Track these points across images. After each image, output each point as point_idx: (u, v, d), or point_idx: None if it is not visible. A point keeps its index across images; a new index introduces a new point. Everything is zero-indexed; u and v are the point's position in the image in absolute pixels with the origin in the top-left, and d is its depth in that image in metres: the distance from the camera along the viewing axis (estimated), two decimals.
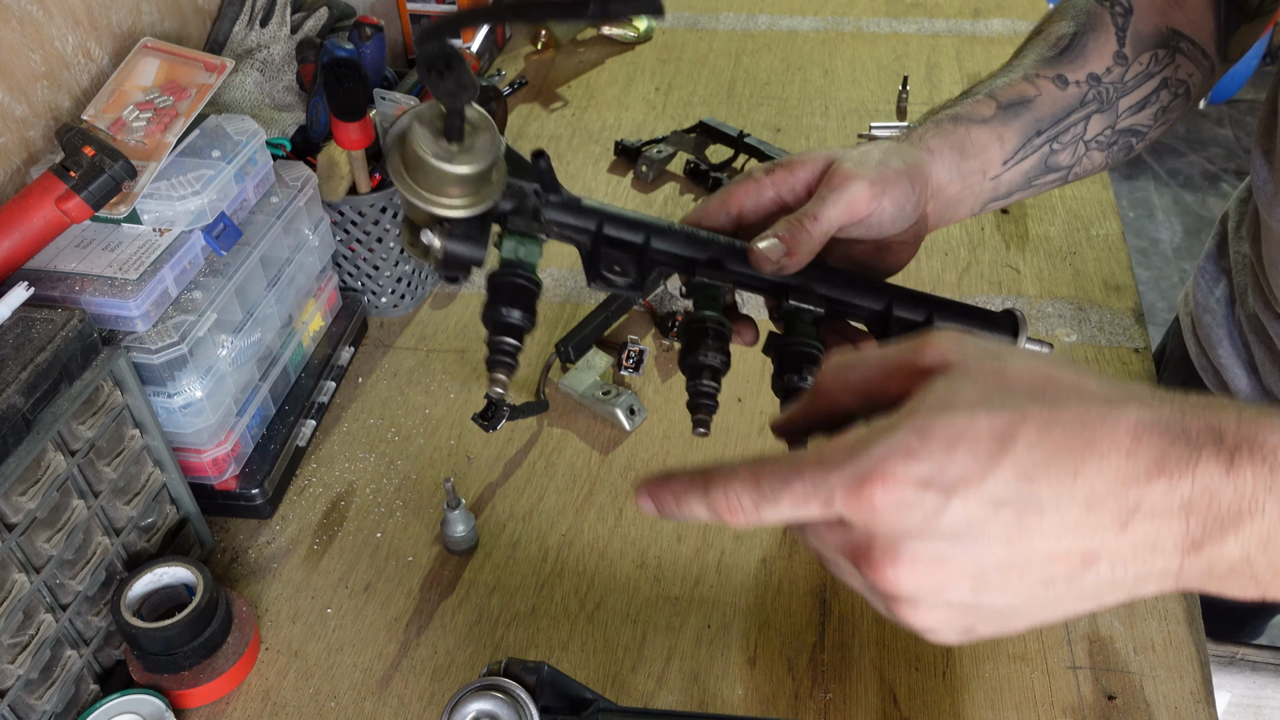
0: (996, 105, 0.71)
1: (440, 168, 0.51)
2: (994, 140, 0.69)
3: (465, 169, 0.51)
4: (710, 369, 0.59)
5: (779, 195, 0.62)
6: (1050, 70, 0.73)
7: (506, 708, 0.63)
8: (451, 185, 0.52)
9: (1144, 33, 0.75)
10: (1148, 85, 0.75)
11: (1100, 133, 0.75)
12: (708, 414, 0.60)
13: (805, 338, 0.62)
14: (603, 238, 0.60)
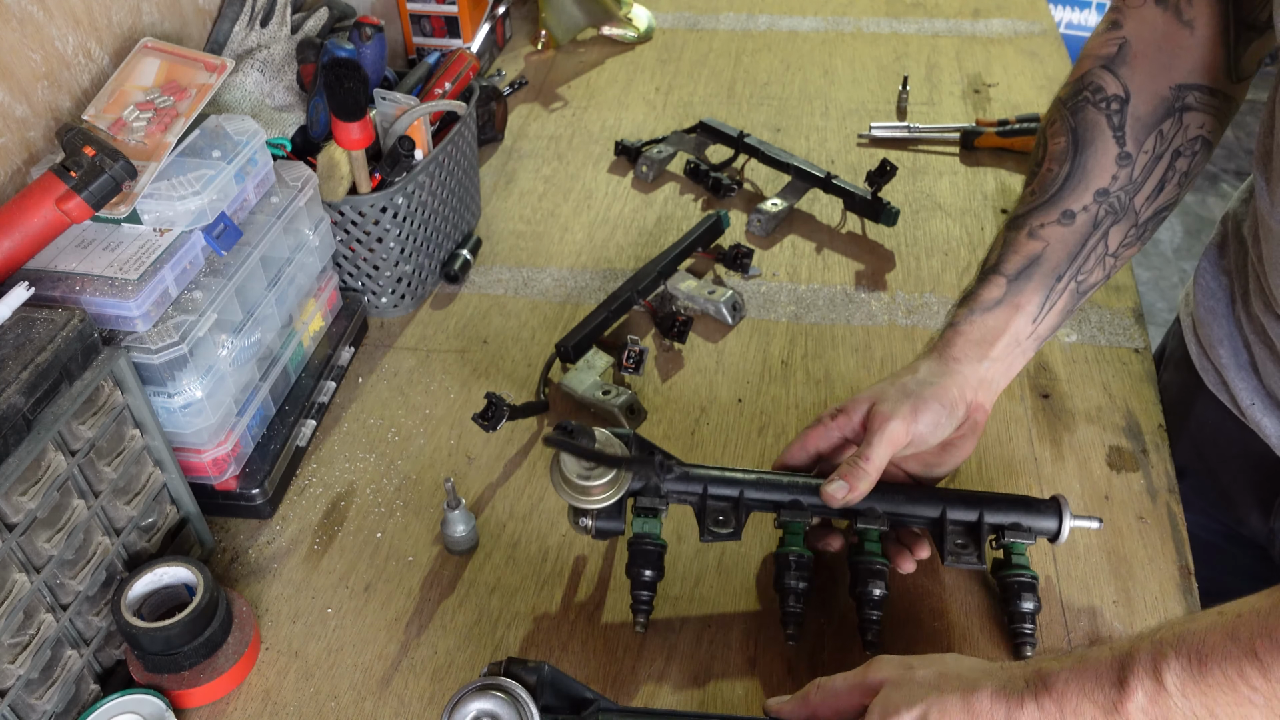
0: (1005, 282, 0.78)
1: (582, 484, 0.74)
2: (1011, 314, 0.78)
3: (600, 481, 0.74)
4: (794, 592, 0.76)
5: (842, 434, 0.78)
6: (1053, 213, 0.77)
7: (507, 707, 0.63)
8: (593, 491, 0.74)
9: (1145, 114, 0.75)
10: (1159, 168, 0.76)
11: (1124, 237, 0.78)
12: (796, 626, 0.76)
13: (872, 555, 0.76)
14: (708, 496, 0.77)
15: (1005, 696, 0.58)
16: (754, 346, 1.05)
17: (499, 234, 1.21)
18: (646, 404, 0.98)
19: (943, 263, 1.14)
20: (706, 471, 0.77)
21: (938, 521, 0.77)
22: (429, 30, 1.46)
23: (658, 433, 0.95)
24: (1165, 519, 0.85)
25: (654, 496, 0.76)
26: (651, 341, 1.05)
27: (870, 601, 0.76)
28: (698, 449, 0.94)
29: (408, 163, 1.03)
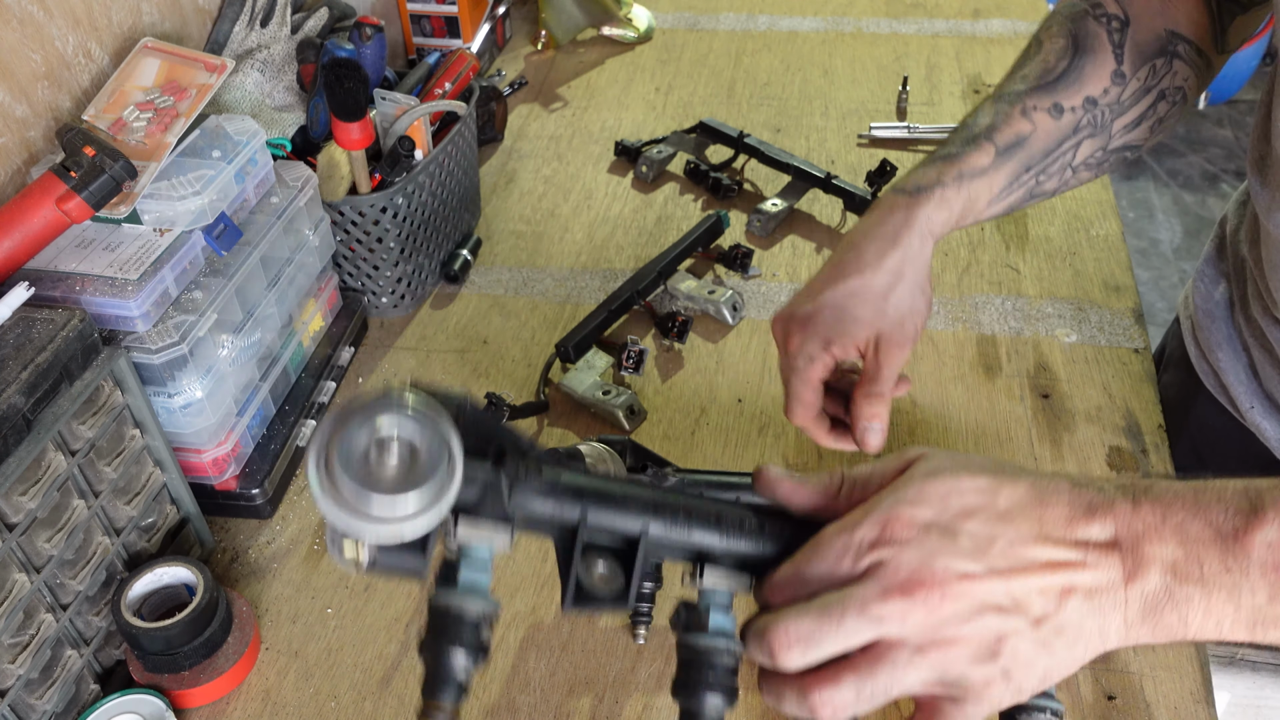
0: (995, 151, 0.73)
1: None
2: (985, 186, 0.73)
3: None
4: None
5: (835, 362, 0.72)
6: (1046, 100, 0.74)
7: (421, 430, 0.44)
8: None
9: (1142, 42, 0.74)
10: (1144, 101, 0.75)
11: (1090, 155, 0.75)
12: None
13: None
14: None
15: (1088, 493, 0.48)
16: (754, 346, 1.05)
17: (499, 234, 1.21)
18: (646, 404, 0.98)
19: (942, 263, 1.14)
20: (703, 477, 0.73)
21: None
22: (429, 30, 1.46)
23: (657, 433, 0.95)
24: None
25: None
26: (651, 341, 1.05)
27: None
28: (697, 449, 0.94)
29: (408, 163, 1.03)
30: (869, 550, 0.46)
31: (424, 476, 0.42)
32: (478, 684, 0.76)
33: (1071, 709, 0.73)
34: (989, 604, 0.46)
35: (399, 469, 0.42)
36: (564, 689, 0.76)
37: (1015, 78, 0.76)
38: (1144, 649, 0.76)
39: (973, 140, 0.73)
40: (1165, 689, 0.74)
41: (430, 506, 0.42)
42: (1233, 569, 0.46)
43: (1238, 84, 3.33)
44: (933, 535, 0.46)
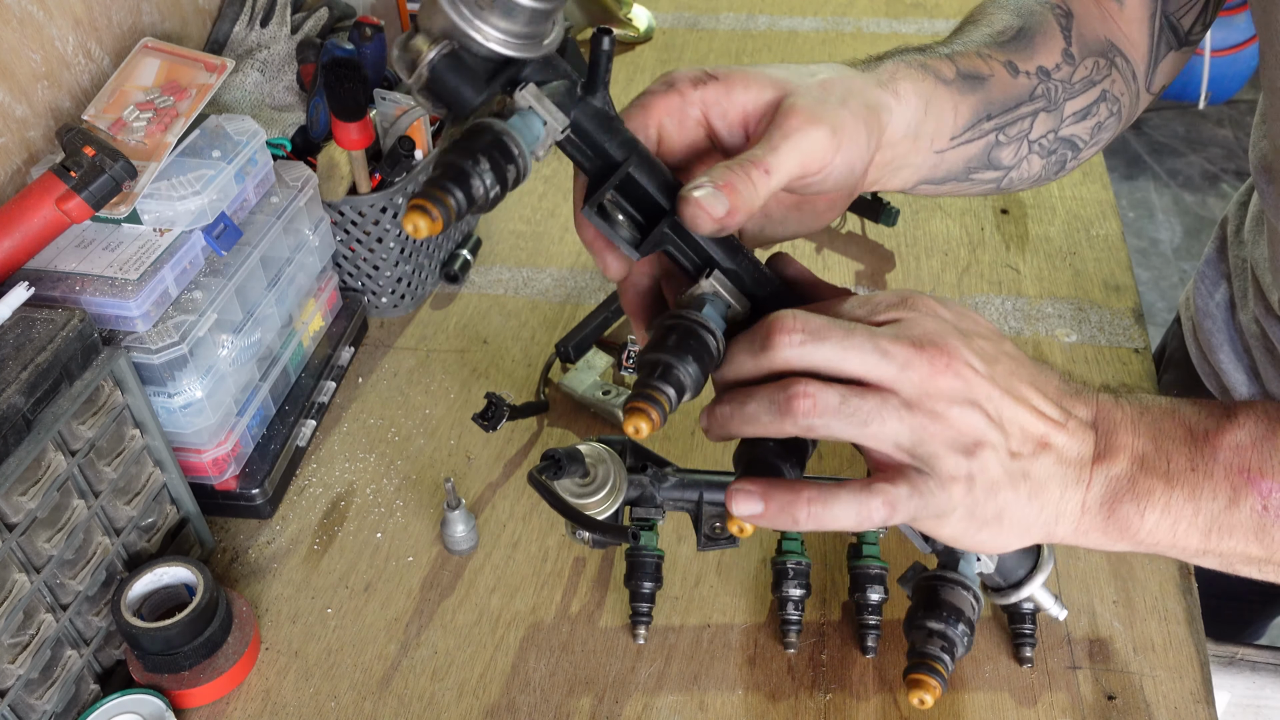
0: (956, 71, 0.64)
1: (577, 499, 0.71)
2: (950, 109, 0.63)
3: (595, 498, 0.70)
4: (792, 600, 0.75)
5: (705, 120, 0.54)
6: (1001, 55, 0.67)
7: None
8: (588, 504, 0.69)
9: (1086, 38, 0.72)
10: (1091, 93, 0.72)
11: (1044, 135, 0.70)
12: (795, 634, 0.76)
13: (871, 558, 0.75)
14: (704, 503, 0.73)
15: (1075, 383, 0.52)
16: None
17: (499, 234, 1.21)
18: None
19: (943, 263, 1.14)
20: (702, 477, 0.76)
21: None
22: None
23: (657, 433, 0.95)
24: None
25: (650, 507, 0.76)
26: None
27: (869, 607, 0.76)
28: (697, 449, 0.94)
29: (408, 163, 1.03)
30: (888, 309, 0.49)
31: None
32: (478, 683, 0.76)
33: (1071, 709, 0.73)
34: (981, 403, 0.47)
35: None
36: (564, 689, 0.76)
37: (964, 32, 0.70)
38: (1144, 649, 0.76)
39: (931, 50, 0.65)
40: (1165, 689, 0.74)
41: (533, 35, 0.45)
42: (1199, 468, 0.48)
43: (1238, 84, 3.34)
44: (948, 325, 0.48)
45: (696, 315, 0.49)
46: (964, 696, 0.74)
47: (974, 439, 0.47)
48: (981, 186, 0.69)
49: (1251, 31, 3.18)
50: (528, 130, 0.45)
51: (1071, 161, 0.73)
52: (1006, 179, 0.70)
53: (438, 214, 0.41)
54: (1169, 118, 3.48)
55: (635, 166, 0.50)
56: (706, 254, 0.52)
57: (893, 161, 0.60)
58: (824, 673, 0.76)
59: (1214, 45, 3.08)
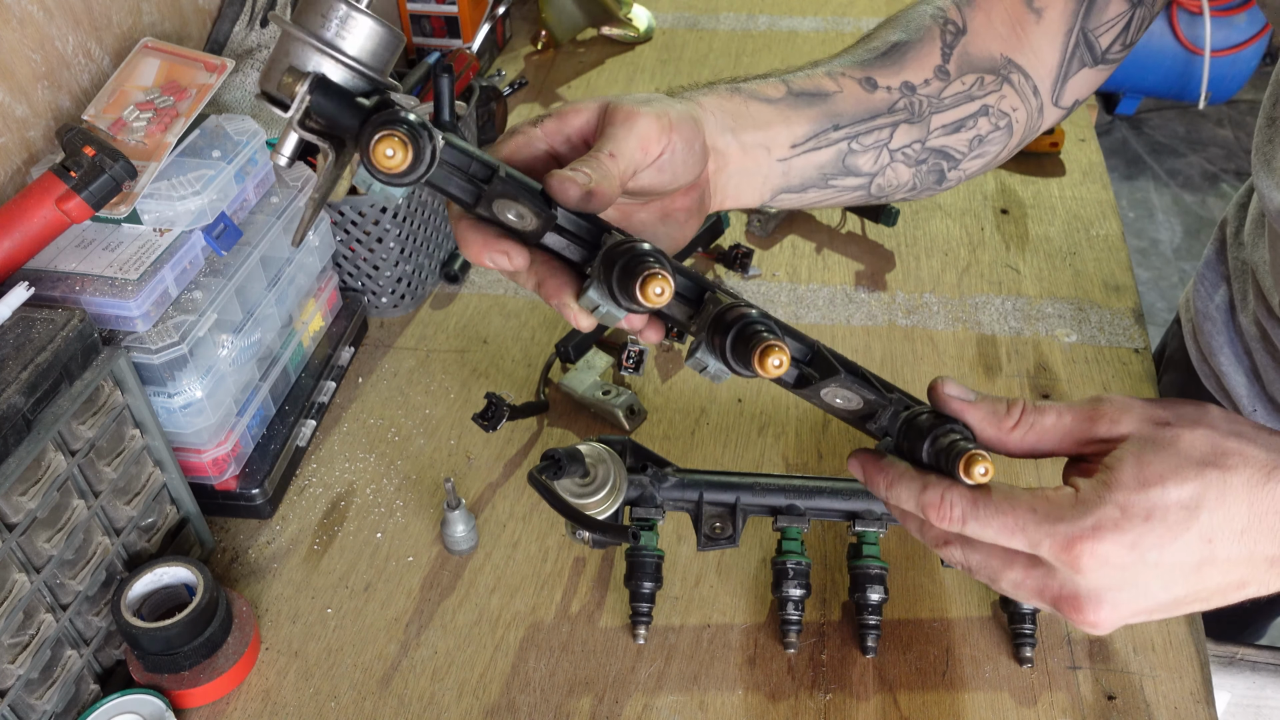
0: (787, 90, 0.67)
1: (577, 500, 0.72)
2: (778, 120, 0.66)
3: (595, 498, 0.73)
4: (792, 600, 0.76)
5: (551, 148, 0.58)
6: (859, 72, 0.70)
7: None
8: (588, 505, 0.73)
9: (973, 55, 0.72)
10: (966, 107, 0.72)
11: (908, 145, 0.71)
12: (795, 634, 0.77)
13: (871, 559, 0.75)
14: (704, 503, 0.75)
15: None
16: None
17: None
18: (646, 404, 0.98)
19: (943, 263, 1.14)
20: (702, 477, 0.76)
21: None
22: (429, 30, 1.46)
23: (657, 433, 0.95)
24: None
25: (650, 507, 0.76)
26: None
27: (869, 607, 0.76)
28: (697, 449, 0.94)
29: None
30: (1044, 562, 0.49)
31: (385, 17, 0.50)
32: (478, 683, 0.76)
33: (1071, 709, 0.73)
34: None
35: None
36: (564, 689, 0.76)
37: (835, 56, 0.73)
38: (1144, 649, 0.76)
39: (760, 78, 0.68)
40: (1165, 689, 0.74)
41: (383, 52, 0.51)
42: None
43: (1238, 84, 3.33)
44: (1115, 578, 0.48)
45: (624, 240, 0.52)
46: (964, 696, 0.74)
47: None
48: (848, 194, 0.71)
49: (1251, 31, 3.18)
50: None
51: (953, 171, 0.74)
52: (874, 184, 0.72)
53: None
54: (1169, 118, 3.48)
55: (505, 172, 0.53)
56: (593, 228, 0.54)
57: (734, 173, 0.64)
58: (824, 673, 0.76)
59: (1214, 45, 3.07)
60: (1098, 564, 0.47)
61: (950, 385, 0.53)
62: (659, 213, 0.61)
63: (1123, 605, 0.48)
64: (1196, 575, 0.48)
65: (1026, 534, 0.48)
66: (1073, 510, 0.48)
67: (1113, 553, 0.47)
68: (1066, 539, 0.47)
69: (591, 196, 0.52)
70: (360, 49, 0.50)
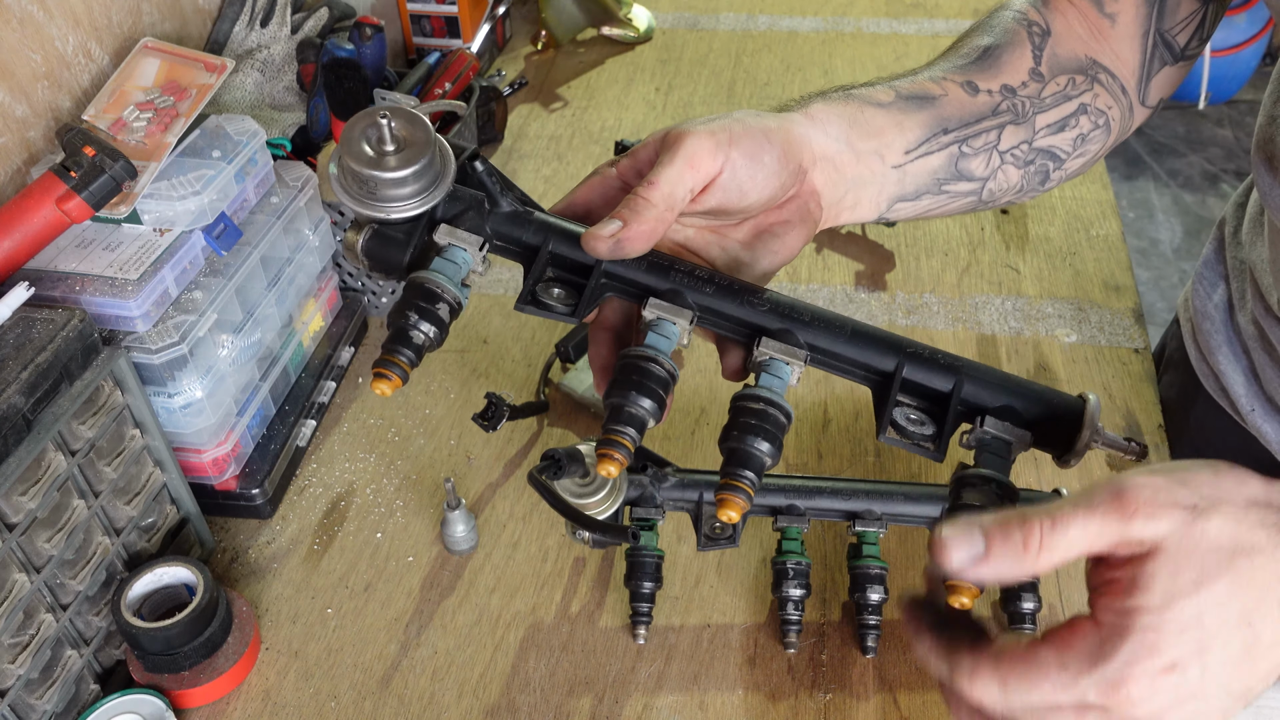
0: (896, 94, 0.66)
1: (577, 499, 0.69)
2: (892, 125, 0.65)
3: (595, 498, 0.70)
4: (792, 600, 0.76)
5: (626, 186, 0.57)
6: (960, 76, 0.69)
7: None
8: (588, 504, 0.70)
9: (1061, 57, 0.72)
10: (1066, 106, 0.72)
11: (1016, 146, 0.70)
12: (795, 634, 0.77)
13: (871, 559, 0.75)
14: (704, 503, 0.73)
15: None
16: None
17: None
18: None
19: (943, 263, 1.14)
20: (702, 477, 0.76)
21: (938, 521, 0.73)
22: (429, 30, 1.46)
23: (658, 433, 0.95)
24: None
25: (650, 507, 0.76)
26: None
27: (869, 607, 0.76)
28: (697, 449, 0.94)
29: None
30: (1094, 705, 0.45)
31: (409, 161, 0.52)
32: (478, 683, 0.76)
33: None
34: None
35: (392, 154, 0.53)
36: (564, 689, 0.76)
37: (929, 64, 0.72)
38: None
39: (869, 84, 0.67)
40: None
41: (421, 191, 0.54)
42: None
43: (1238, 84, 3.34)
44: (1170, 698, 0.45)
45: (639, 350, 0.53)
46: None
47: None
48: (961, 201, 0.70)
49: (1251, 31, 3.18)
50: (452, 265, 0.54)
51: (1056, 172, 0.73)
52: (985, 190, 0.71)
53: (394, 375, 0.54)
54: (1169, 118, 3.48)
55: (554, 243, 0.56)
56: (641, 284, 0.56)
57: (848, 180, 0.63)
58: (824, 673, 0.76)
59: (1214, 45, 3.08)
60: (1150, 693, 0.45)
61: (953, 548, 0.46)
62: (753, 230, 0.60)
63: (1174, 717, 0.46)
64: (1248, 664, 0.45)
65: (1069, 692, 0.45)
66: (1105, 649, 0.45)
67: (1160, 679, 0.44)
68: (1110, 683, 0.45)
69: (621, 244, 0.52)
70: (405, 192, 0.54)
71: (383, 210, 0.53)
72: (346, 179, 0.53)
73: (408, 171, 0.53)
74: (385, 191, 0.53)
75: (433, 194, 0.54)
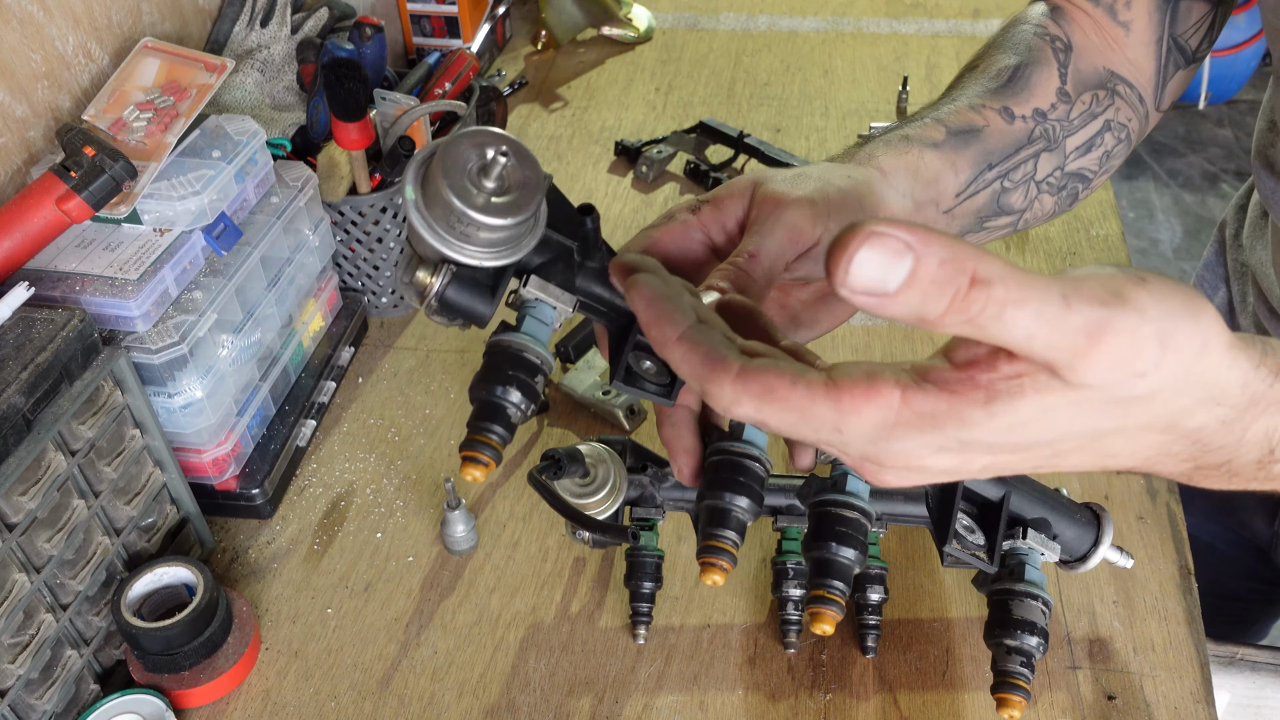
0: (946, 131, 0.65)
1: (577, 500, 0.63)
2: (947, 169, 0.64)
3: (595, 498, 0.66)
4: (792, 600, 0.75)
5: (709, 238, 0.54)
6: (996, 102, 0.68)
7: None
8: (588, 505, 0.64)
9: (1084, 72, 0.72)
10: (1092, 126, 0.72)
11: (1051, 174, 0.70)
12: (795, 635, 0.77)
13: (871, 558, 0.74)
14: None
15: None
16: None
17: None
18: (646, 404, 0.98)
19: None
20: None
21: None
22: (429, 30, 1.46)
23: (658, 433, 0.95)
24: (1165, 519, 0.85)
25: (650, 507, 0.76)
26: None
27: (869, 607, 0.76)
28: None
29: (408, 163, 1.03)
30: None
31: (518, 208, 0.43)
32: (478, 683, 0.76)
33: (1071, 709, 0.73)
34: None
35: (497, 194, 0.43)
36: (564, 689, 0.76)
37: (960, 85, 0.71)
38: (1144, 649, 0.76)
39: (918, 120, 0.65)
40: (1165, 689, 0.74)
41: (516, 237, 0.44)
42: None
43: (1237, 84, 3.34)
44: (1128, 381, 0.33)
45: (735, 446, 0.48)
46: (964, 696, 0.74)
47: None
48: (998, 233, 0.70)
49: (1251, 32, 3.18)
50: (542, 326, 0.48)
51: (1084, 192, 0.74)
52: (1021, 221, 0.71)
53: (488, 459, 0.44)
54: (1169, 118, 3.48)
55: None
56: None
57: None
58: (824, 673, 0.76)
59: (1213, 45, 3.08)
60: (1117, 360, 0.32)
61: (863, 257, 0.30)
62: (817, 292, 0.57)
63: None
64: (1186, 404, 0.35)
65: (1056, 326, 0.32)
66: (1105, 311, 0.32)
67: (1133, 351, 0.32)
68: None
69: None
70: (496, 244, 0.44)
71: (471, 255, 0.44)
72: (434, 210, 0.43)
73: (517, 220, 0.43)
74: (481, 235, 0.43)
75: (529, 240, 0.46)
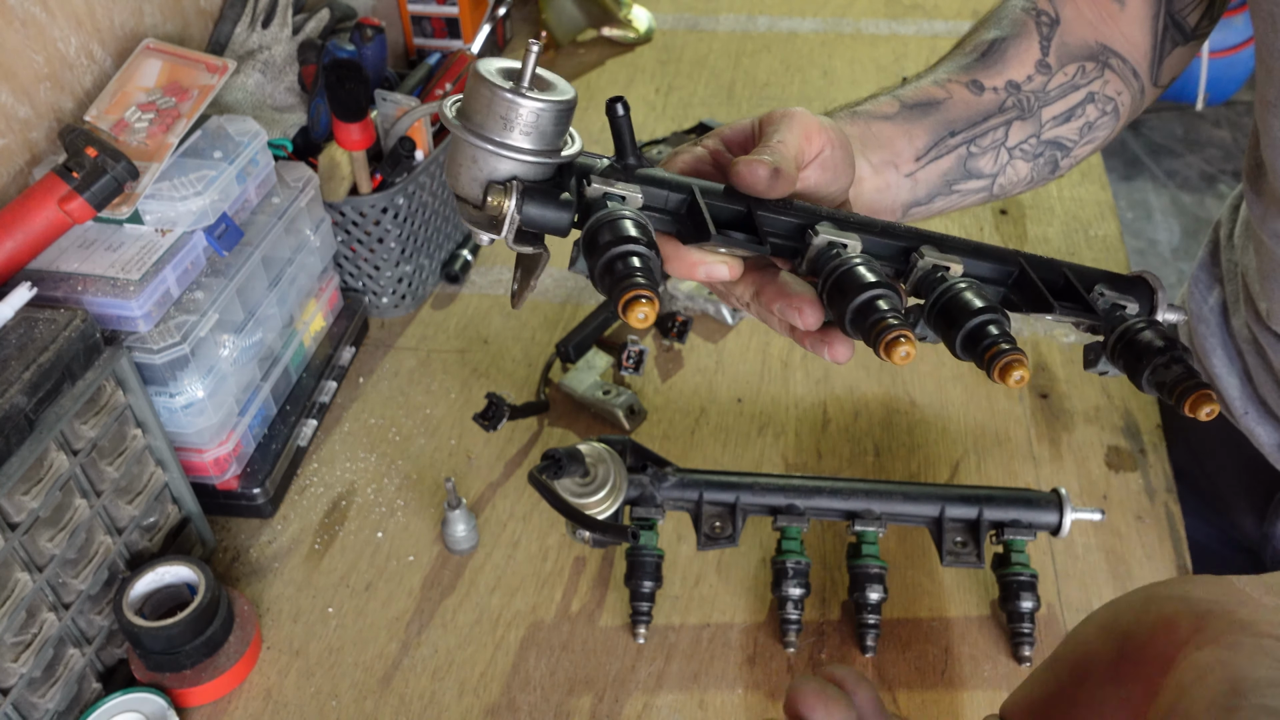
0: (901, 105, 0.68)
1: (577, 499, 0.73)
2: (900, 135, 0.67)
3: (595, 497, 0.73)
4: (791, 599, 0.76)
5: (719, 163, 0.59)
6: (964, 76, 0.70)
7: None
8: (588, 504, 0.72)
9: (1070, 45, 0.73)
10: (1073, 97, 0.73)
11: (1024, 141, 0.72)
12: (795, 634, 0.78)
13: (870, 558, 0.76)
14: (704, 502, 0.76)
15: None
16: (754, 346, 1.05)
17: None
18: (646, 404, 0.98)
19: None
20: (702, 477, 0.77)
21: (936, 521, 0.77)
22: (430, 31, 1.46)
23: (657, 433, 0.96)
24: (1163, 519, 0.86)
25: (650, 506, 0.76)
26: (651, 341, 1.06)
27: (868, 606, 0.76)
28: (697, 449, 0.94)
29: (408, 163, 1.04)
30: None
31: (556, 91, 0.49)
32: (478, 682, 0.77)
33: None
34: None
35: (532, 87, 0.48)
36: (564, 688, 0.76)
37: (937, 64, 0.73)
38: None
39: (871, 98, 0.69)
40: None
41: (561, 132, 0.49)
42: None
43: (1236, 84, 3.34)
44: None
45: (842, 259, 0.49)
46: (963, 696, 0.75)
47: None
48: (972, 197, 0.72)
49: (1250, 32, 3.18)
50: (623, 205, 0.49)
51: (1065, 160, 0.74)
52: (995, 185, 0.72)
53: (651, 293, 0.43)
54: (1167, 119, 3.48)
55: (699, 188, 0.51)
56: (793, 223, 0.52)
57: (866, 190, 0.65)
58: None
59: (1212, 46, 3.08)
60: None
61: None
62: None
63: None
64: None
65: None
66: None
67: None
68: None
69: (778, 175, 0.51)
70: (545, 135, 0.48)
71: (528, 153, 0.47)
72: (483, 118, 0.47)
73: (558, 100, 0.48)
74: (529, 120, 0.47)
75: (572, 145, 0.49)
